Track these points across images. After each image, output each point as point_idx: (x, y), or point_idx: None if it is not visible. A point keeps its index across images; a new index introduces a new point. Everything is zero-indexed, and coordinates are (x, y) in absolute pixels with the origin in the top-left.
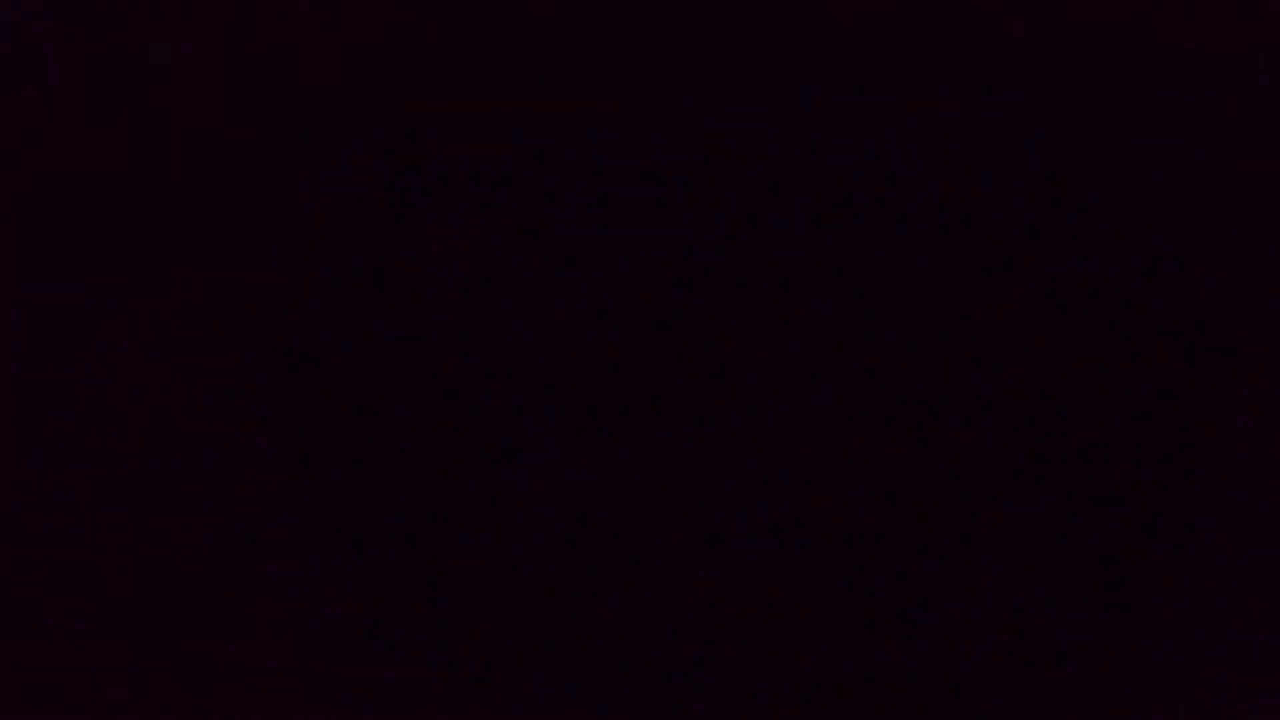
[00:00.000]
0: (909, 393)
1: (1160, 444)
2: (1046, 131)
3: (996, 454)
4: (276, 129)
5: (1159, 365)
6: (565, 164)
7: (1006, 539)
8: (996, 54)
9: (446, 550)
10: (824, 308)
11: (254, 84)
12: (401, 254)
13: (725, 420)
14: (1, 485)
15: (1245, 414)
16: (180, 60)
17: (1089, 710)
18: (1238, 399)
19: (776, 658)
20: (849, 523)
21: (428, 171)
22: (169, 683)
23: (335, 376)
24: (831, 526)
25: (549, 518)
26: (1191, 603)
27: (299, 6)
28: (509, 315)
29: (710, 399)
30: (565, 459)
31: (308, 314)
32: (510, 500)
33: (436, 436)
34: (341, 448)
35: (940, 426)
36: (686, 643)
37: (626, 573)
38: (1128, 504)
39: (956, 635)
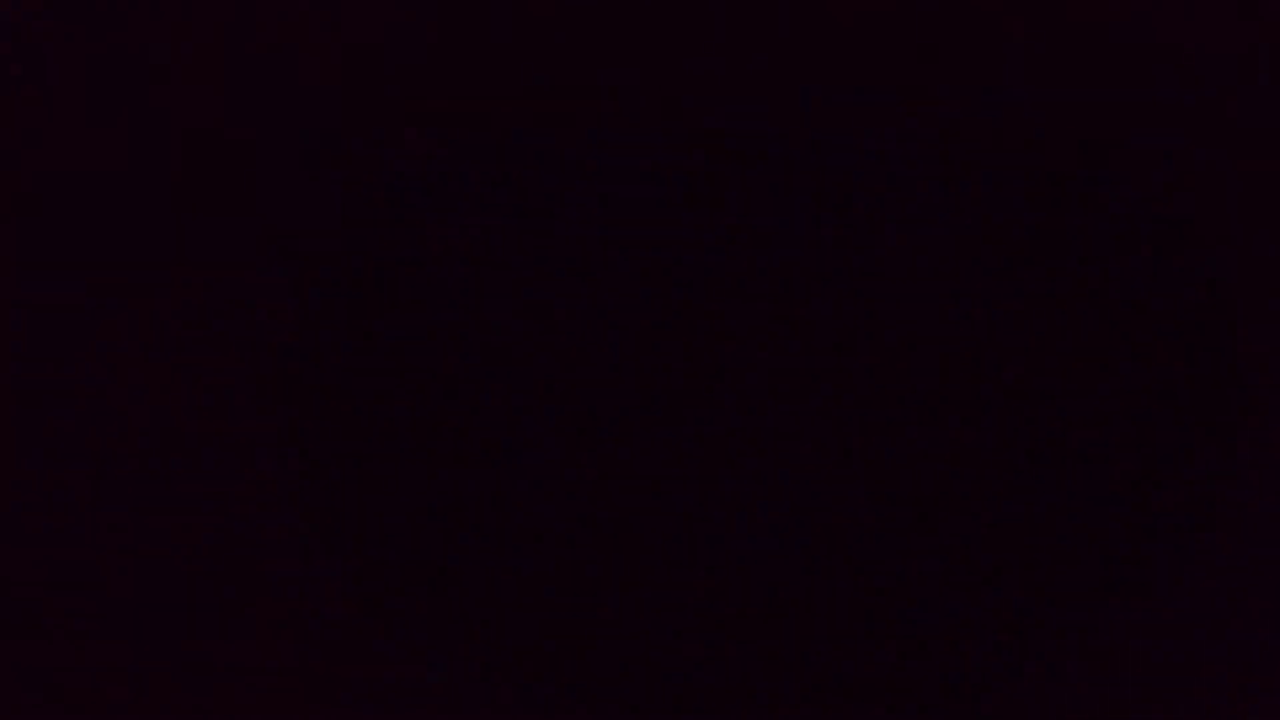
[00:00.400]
0: (909, 393)
1: (1160, 444)
2: (1046, 131)
3: (996, 454)
4: (276, 129)
5: (1159, 365)
6: (565, 164)
7: (1006, 539)
8: (996, 54)
9: (446, 550)
10: (824, 308)
11: (254, 84)
12: (401, 254)
13: (725, 420)
14: (1, 485)
15: (1245, 414)
16: (180, 60)
17: (1089, 710)
18: (1238, 399)
19: (776, 658)
20: (849, 523)
21: (428, 171)
22: (169, 683)
23: (335, 376)
24: (831, 526)
25: (549, 518)
26: (1191, 603)
27: (299, 6)
28: (509, 315)
29: (710, 399)
30: (565, 459)
31: (308, 314)
32: (510, 500)
33: (436, 436)
34: (341, 448)
35: (940, 426)
36: (686, 643)
37: (626, 573)
38: (1128, 504)
39: (956, 635)
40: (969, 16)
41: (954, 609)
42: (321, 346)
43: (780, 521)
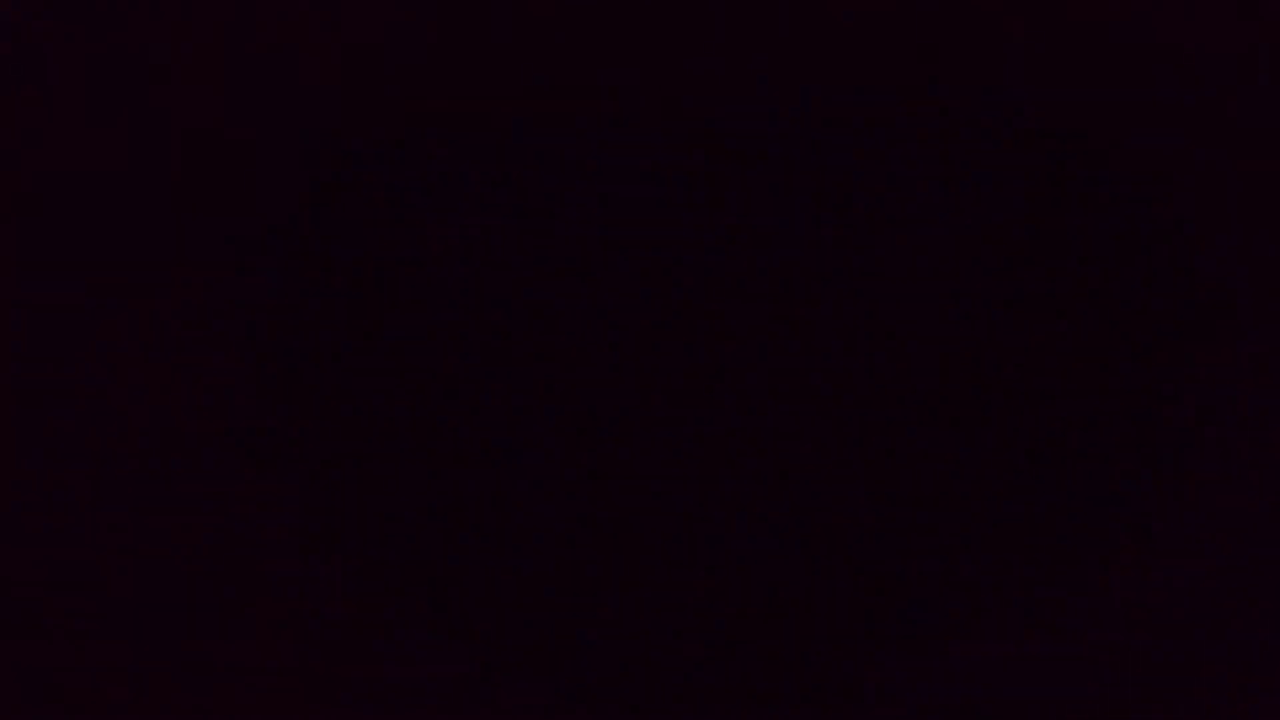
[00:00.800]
0: (909, 393)
1: (1159, 444)
2: (1047, 131)
3: (995, 454)
4: (276, 129)
5: (1158, 365)
6: (565, 164)
7: (1006, 539)
8: (996, 54)
9: (446, 550)
10: (824, 308)
11: (254, 84)
12: (401, 254)
13: (725, 420)
14: (1, 485)
15: (1245, 414)
16: (180, 60)
17: (1089, 710)
18: (1237, 399)
19: (777, 658)
20: (849, 523)
21: (428, 171)
22: (169, 683)
23: (335, 376)
24: (831, 526)
25: (549, 518)
26: (1192, 603)
27: (299, 6)
28: (509, 315)
29: (710, 399)
30: (565, 459)
31: (308, 314)
32: (510, 500)
33: (436, 436)
34: (341, 448)
35: (939, 426)
36: (686, 643)
37: (626, 573)
38: (1127, 504)
39: (956, 635)
40: (969, 16)
41: (953, 609)
42: (321, 346)
43: (780, 521)
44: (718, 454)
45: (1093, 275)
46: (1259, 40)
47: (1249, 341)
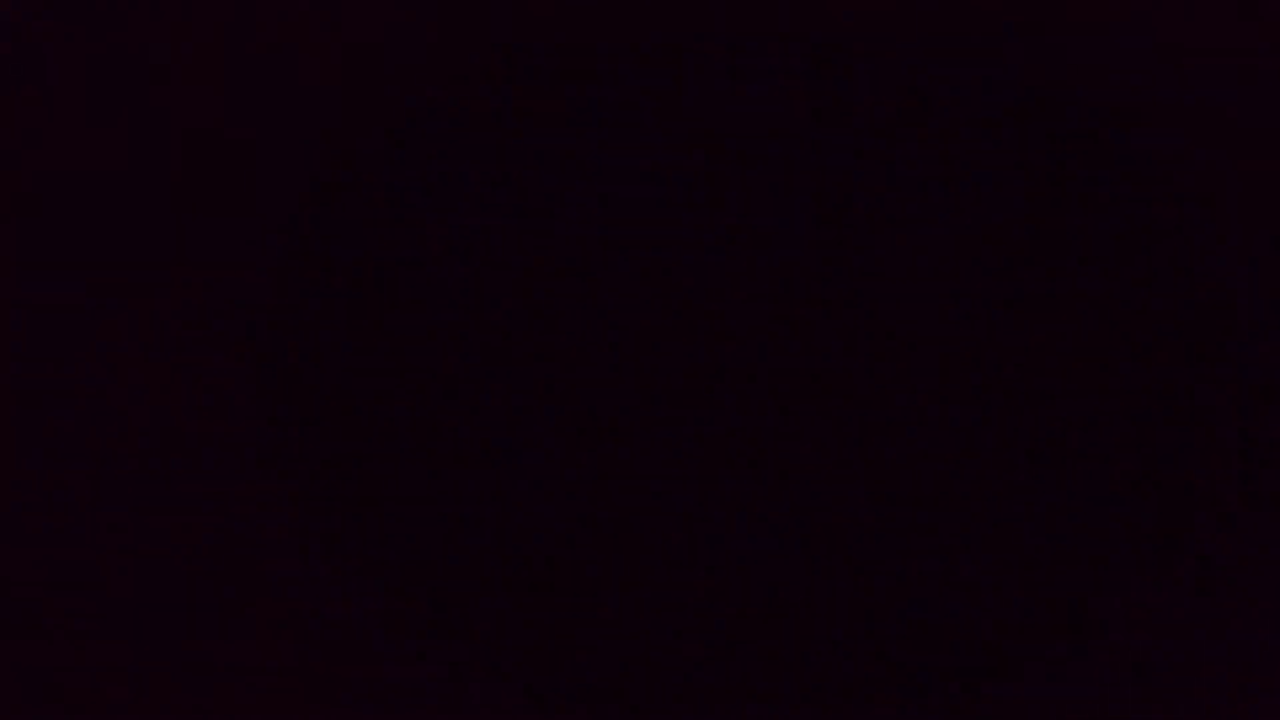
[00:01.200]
0: (909, 392)
1: (1158, 444)
2: (1047, 130)
3: (996, 454)
4: (276, 129)
5: (1159, 365)
6: (565, 164)
7: (1006, 539)
8: (997, 54)
9: (446, 550)
10: (824, 308)
11: (254, 84)
12: (401, 254)
13: (725, 420)
14: (1, 485)
15: (1245, 414)
16: (180, 60)
17: (1089, 710)
18: (1238, 399)
19: (777, 658)
20: (849, 523)
21: (427, 171)
22: (169, 683)
23: (335, 376)
24: (832, 526)
25: (548, 518)
26: (1192, 603)
27: (299, 6)
28: (509, 315)
29: (710, 399)
30: (565, 459)
31: (308, 314)
32: (510, 500)
33: (436, 436)
34: (341, 448)
35: (940, 426)
36: (687, 643)
37: (626, 573)
38: (1126, 504)
39: (956, 635)
40: (969, 16)
41: (953, 609)
42: (321, 346)
43: (780, 521)
44: (718, 454)
45: (1093, 275)
46: (1259, 40)
47: (1249, 342)
